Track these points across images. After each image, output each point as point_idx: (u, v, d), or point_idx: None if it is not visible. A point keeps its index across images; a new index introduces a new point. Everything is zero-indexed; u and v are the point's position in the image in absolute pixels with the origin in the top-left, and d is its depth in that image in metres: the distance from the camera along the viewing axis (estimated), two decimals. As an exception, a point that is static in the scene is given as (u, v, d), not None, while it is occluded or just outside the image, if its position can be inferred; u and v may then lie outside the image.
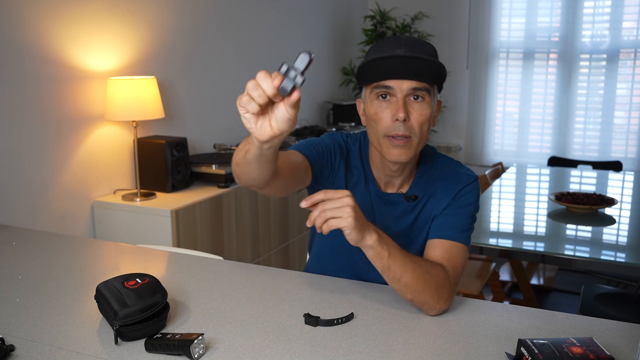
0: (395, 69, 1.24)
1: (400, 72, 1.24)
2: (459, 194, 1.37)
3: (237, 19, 3.40)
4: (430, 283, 1.20)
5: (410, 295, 1.21)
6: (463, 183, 1.38)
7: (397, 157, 1.28)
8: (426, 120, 1.27)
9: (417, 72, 1.24)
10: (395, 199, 1.41)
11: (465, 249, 1.34)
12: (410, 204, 1.40)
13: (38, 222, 2.32)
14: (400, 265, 1.18)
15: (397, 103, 1.25)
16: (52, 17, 2.29)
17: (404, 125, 1.25)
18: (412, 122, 1.26)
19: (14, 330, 1.17)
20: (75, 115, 2.44)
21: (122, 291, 1.14)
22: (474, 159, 4.81)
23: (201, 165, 2.77)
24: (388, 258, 1.18)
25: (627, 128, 4.41)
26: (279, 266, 2.95)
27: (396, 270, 1.19)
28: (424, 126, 1.27)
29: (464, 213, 1.36)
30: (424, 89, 1.25)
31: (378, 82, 1.27)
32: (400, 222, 1.41)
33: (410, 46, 1.25)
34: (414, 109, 1.26)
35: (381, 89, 1.27)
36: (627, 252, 2.21)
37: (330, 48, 4.58)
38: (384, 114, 1.27)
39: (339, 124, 4.27)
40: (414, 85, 1.25)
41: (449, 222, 1.34)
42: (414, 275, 1.19)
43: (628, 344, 1.11)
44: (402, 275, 1.19)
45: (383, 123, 1.27)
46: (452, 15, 4.81)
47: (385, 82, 1.26)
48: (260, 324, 1.19)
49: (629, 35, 4.29)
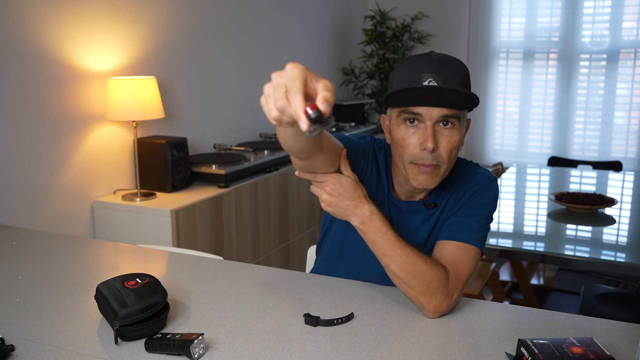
0: (425, 98, 1.18)
1: (431, 100, 1.18)
2: (475, 194, 1.33)
3: (237, 19, 3.40)
4: (422, 281, 1.20)
5: (402, 288, 1.23)
6: (481, 184, 1.34)
7: (424, 185, 1.25)
8: (455, 147, 1.22)
9: (449, 102, 1.18)
10: (415, 207, 1.37)
11: (475, 250, 1.30)
12: (429, 211, 1.37)
13: (38, 222, 2.32)
14: (384, 256, 1.22)
15: (425, 131, 1.19)
16: (52, 17, 2.29)
17: (431, 155, 1.20)
18: (441, 150, 1.21)
19: (14, 330, 1.17)
20: (75, 115, 2.44)
21: (122, 291, 1.14)
22: (474, 159, 4.81)
23: (201, 165, 2.77)
24: (372, 244, 1.23)
25: (627, 128, 4.41)
26: (279, 266, 2.95)
27: (382, 259, 1.22)
28: (452, 152, 1.23)
29: (479, 213, 1.32)
30: (454, 115, 1.20)
31: (406, 107, 1.21)
32: (420, 231, 1.39)
33: (442, 70, 1.18)
34: (442, 135, 1.21)
35: (409, 114, 1.21)
36: (627, 252, 2.21)
37: (330, 48, 4.58)
38: (411, 140, 1.22)
39: (339, 124, 4.26)
40: (444, 113, 1.19)
41: (460, 222, 1.31)
42: (401, 269, 1.20)
43: (628, 344, 1.11)
44: (389, 265, 1.22)
45: (410, 150, 1.23)
46: (452, 15, 4.81)
47: (414, 109, 1.20)
48: (260, 324, 1.19)
49: (629, 35, 4.29)
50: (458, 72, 1.21)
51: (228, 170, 2.72)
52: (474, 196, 1.34)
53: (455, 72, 1.20)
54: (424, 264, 1.21)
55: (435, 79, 1.17)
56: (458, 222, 1.32)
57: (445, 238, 1.31)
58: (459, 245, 1.29)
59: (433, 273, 1.21)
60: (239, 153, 3.04)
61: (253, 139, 3.57)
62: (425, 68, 1.19)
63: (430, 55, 1.22)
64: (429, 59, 1.20)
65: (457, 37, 4.80)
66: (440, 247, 1.31)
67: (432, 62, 1.19)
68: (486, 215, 1.34)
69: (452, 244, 1.29)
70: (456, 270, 1.26)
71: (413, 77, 1.19)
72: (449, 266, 1.26)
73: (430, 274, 1.21)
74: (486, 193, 1.34)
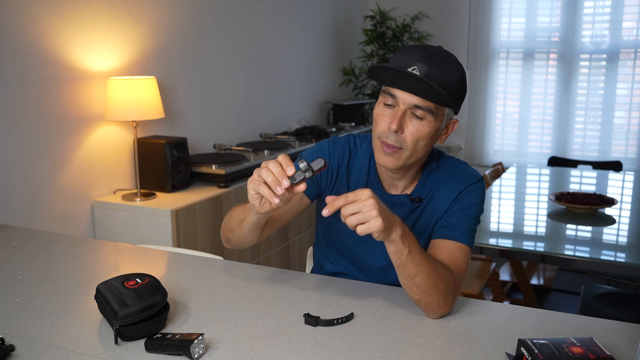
0: (400, 81, 1.23)
1: (406, 86, 1.23)
2: (462, 193, 1.36)
3: (237, 19, 3.40)
4: (440, 288, 1.20)
5: (418, 296, 1.21)
6: (466, 183, 1.37)
7: (384, 163, 1.29)
8: (422, 137, 1.26)
9: (422, 93, 1.23)
10: (400, 200, 1.40)
11: (468, 250, 1.33)
12: (414, 205, 1.39)
13: (38, 222, 2.32)
14: (416, 265, 1.18)
15: (395, 114, 1.25)
16: (52, 17, 2.29)
17: (395, 136, 1.26)
18: (406, 135, 1.26)
19: (14, 330, 1.17)
20: (75, 115, 2.44)
21: (122, 291, 1.14)
22: (474, 159, 4.81)
23: (201, 165, 2.77)
24: (407, 255, 1.17)
25: (627, 128, 4.41)
26: (279, 266, 2.95)
27: (412, 269, 1.18)
28: (419, 142, 1.27)
29: (468, 214, 1.35)
30: (427, 108, 1.24)
31: (386, 87, 1.28)
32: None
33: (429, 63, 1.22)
34: (412, 123, 1.25)
35: (388, 96, 1.27)
36: (627, 252, 2.21)
37: (330, 48, 4.58)
38: (383, 118, 1.28)
39: (339, 124, 4.27)
40: (416, 103, 1.24)
41: (452, 222, 1.33)
42: (428, 277, 1.19)
43: (628, 344, 1.11)
44: (417, 275, 1.18)
45: (380, 126, 1.29)
46: (452, 15, 4.81)
47: (391, 90, 1.26)
48: (260, 324, 1.19)
49: (629, 35, 4.29)
50: (445, 69, 1.24)
51: (228, 170, 2.72)
52: (462, 196, 1.36)
53: (442, 69, 1.23)
54: (441, 268, 1.23)
55: (419, 69, 1.22)
56: (451, 222, 1.34)
57: (441, 237, 1.33)
58: (454, 244, 1.31)
59: (447, 277, 1.22)
60: (239, 153, 3.04)
61: (253, 139, 3.57)
62: (417, 57, 1.23)
63: (427, 47, 1.26)
64: (423, 49, 1.25)
65: (457, 37, 4.80)
66: (438, 247, 1.32)
67: (424, 54, 1.24)
68: (475, 216, 1.36)
69: (450, 243, 1.31)
70: (458, 270, 1.28)
71: (403, 60, 1.24)
72: (451, 266, 1.27)
73: (446, 278, 1.22)
74: (473, 194, 1.37)
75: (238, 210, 1.36)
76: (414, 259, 1.18)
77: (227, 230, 1.41)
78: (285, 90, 3.99)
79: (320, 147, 1.46)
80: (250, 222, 1.29)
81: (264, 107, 3.73)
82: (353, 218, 1.10)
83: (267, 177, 1.12)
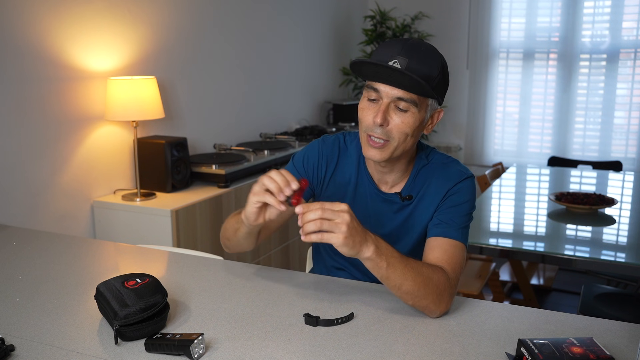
0: (382, 75, 1.25)
1: (387, 80, 1.25)
2: (451, 191, 1.37)
3: (237, 19, 3.40)
4: (431, 289, 1.20)
5: (411, 302, 1.21)
6: (455, 180, 1.38)
7: (371, 156, 1.31)
8: (408, 129, 1.28)
9: (403, 85, 1.24)
10: (391, 197, 1.41)
11: (463, 247, 1.33)
12: (405, 203, 1.41)
13: (38, 222, 2.32)
14: (400, 275, 1.18)
15: (379, 107, 1.27)
16: (52, 17, 2.29)
17: (381, 129, 1.28)
18: (392, 127, 1.28)
19: (14, 330, 1.17)
20: (75, 115, 2.44)
21: (122, 291, 1.14)
22: (474, 159, 4.81)
23: (201, 165, 2.77)
24: (387, 268, 1.17)
25: (627, 128, 4.41)
26: (279, 266, 2.95)
27: (396, 280, 1.18)
28: (405, 133, 1.29)
29: (459, 211, 1.35)
30: (410, 100, 1.26)
31: (369, 82, 1.29)
32: (394, 219, 1.42)
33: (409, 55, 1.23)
34: (396, 115, 1.27)
35: (371, 90, 1.29)
36: (627, 252, 2.21)
37: (330, 48, 4.58)
38: (367, 113, 1.30)
39: (339, 124, 4.27)
40: (399, 95, 1.26)
41: (445, 219, 1.34)
42: (414, 283, 1.18)
43: (628, 344, 1.11)
44: (403, 284, 1.18)
45: (365, 121, 1.31)
46: (452, 15, 4.81)
47: (374, 84, 1.28)
48: (260, 324, 1.19)
49: (629, 35, 4.28)
50: (425, 61, 1.25)
51: (228, 170, 2.73)
52: (451, 193, 1.37)
53: (423, 61, 1.25)
54: (428, 270, 1.22)
55: (400, 62, 1.23)
56: (443, 220, 1.34)
57: (435, 235, 1.33)
58: (449, 242, 1.31)
59: (437, 277, 1.22)
60: (239, 153, 3.04)
61: (253, 139, 3.57)
62: (397, 50, 1.25)
63: (408, 40, 1.28)
64: (404, 43, 1.27)
65: (457, 37, 4.80)
66: (433, 246, 1.32)
67: (405, 47, 1.25)
68: (467, 213, 1.37)
69: (443, 241, 1.32)
70: (453, 267, 1.28)
71: (384, 54, 1.26)
72: (446, 264, 1.27)
73: (435, 279, 1.21)
74: (463, 191, 1.38)
75: (232, 220, 1.40)
76: (395, 270, 1.17)
77: (225, 238, 1.46)
78: (285, 90, 3.99)
79: (310, 147, 1.49)
80: (243, 232, 1.34)
81: (264, 107, 3.73)
82: (318, 222, 1.09)
83: (271, 184, 1.15)
